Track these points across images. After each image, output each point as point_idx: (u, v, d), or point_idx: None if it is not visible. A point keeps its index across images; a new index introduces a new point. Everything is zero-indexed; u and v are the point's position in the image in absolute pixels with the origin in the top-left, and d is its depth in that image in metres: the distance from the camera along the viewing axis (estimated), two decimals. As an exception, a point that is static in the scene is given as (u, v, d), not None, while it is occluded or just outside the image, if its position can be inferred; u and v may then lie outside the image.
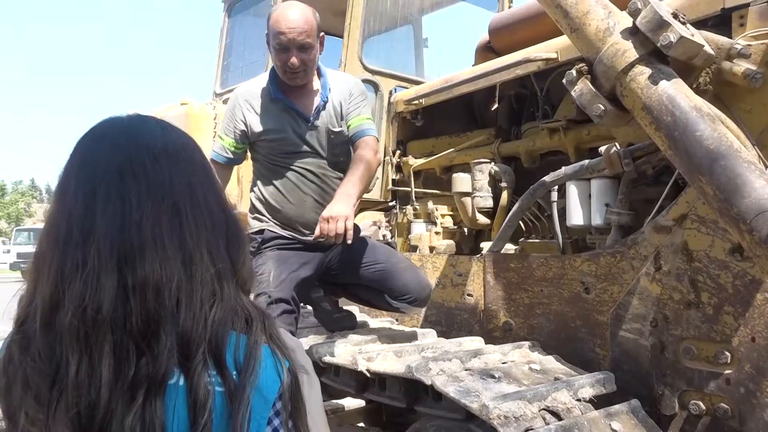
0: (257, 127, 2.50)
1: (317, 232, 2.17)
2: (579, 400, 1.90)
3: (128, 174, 0.84)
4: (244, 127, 2.50)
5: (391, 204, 3.81)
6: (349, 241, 2.16)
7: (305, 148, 2.51)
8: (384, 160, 3.80)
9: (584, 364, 2.29)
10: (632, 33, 1.87)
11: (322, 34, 2.42)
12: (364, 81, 3.78)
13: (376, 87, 3.85)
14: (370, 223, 3.65)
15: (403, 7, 4.36)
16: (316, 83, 2.54)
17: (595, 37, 1.94)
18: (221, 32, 4.70)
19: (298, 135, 2.50)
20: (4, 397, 0.79)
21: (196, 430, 0.77)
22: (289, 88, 2.47)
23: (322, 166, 2.51)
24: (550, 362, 2.18)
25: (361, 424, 3.39)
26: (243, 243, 0.93)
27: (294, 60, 2.33)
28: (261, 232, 2.50)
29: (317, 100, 2.51)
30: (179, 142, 0.91)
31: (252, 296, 0.95)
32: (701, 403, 2.01)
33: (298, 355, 0.94)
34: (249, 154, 2.61)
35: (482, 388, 1.82)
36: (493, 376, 1.92)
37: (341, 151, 2.56)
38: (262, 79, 2.56)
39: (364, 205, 3.78)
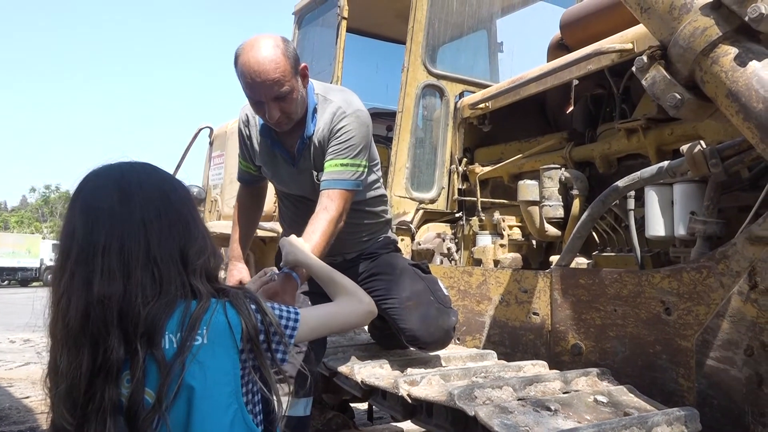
0: (255, 158, 2.35)
1: None
2: (653, 440, 1.61)
3: (93, 219, 1.12)
4: (248, 152, 2.37)
5: (457, 215, 3.59)
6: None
7: (296, 191, 2.34)
8: (450, 169, 3.60)
9: (665, 397, 1.98)
10: (714, 8, 1.59)
11: (303, 65, 2.09)
12: (429, 86, 3.62)
13: (441, 92, 3.66)
14: (434, 236, 3.45)
15: (472, 11, 4.15)
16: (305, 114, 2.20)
17: (670, 15, 1.67)
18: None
19: (287, 177, 2.31)
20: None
21: (131, 396, 1.07)
22: None
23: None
24: (622, 394, 1.88)
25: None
26: (203, 249, 1.21)
27: (272, 113, 2.03)
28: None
29: (299, 141, 2.20)
30: (137, 186, 1.17)
31: None
32: (810, 451, 1.66)
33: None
34: None
35: (533, 423, 1.57)
36: (548, 409, 1.66)
37: None
38: None
39: (428, 217, 3.59)
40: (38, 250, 33.82)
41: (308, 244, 1.96)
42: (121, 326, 1.08)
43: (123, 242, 1.12)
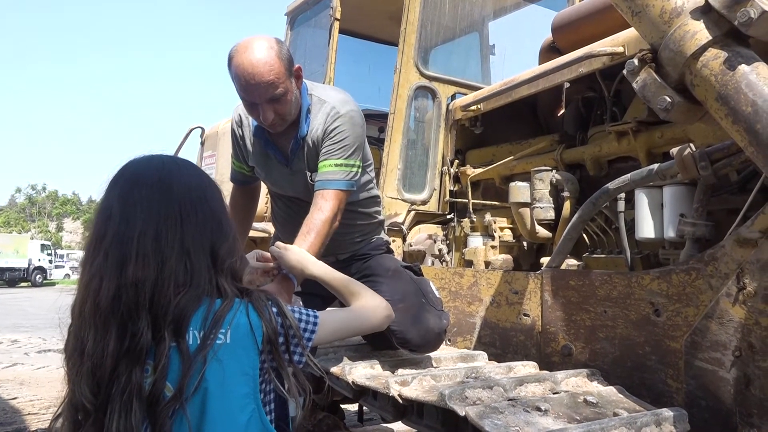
0: (248, 159, 2.36)
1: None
2: (642, 440, 1.62)
3: (131, 204, 1.15)
4: (241, 153, 2.37)
5: (449, 216, 3.60)
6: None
7: (289, 192, 2.34)
8: (442, 171, 3.61)
9: (654, 397, 2.00)
10: (704, 12, 1.60)
11: (296, 66, 2.09)
12: (421, 88, 3.63)
13: (433, 94, 3.67)
14: (425, 237, 3.45)
15: (464, 13, 4.17)
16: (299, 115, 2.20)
17: (660, 19, 1.68)
18: (284, 45, 4.69)
19: (280, 178, 2.31)
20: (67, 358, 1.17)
21: (155, 383, 1.09)
22: None
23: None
24: (611, 394, 1.90)
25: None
26: (233, 250, 1.24)
27: (266, 115, 2.03)
28: None
29: (293, 141, 2.20)
30: (177, 177, 1.21)
31: None
32: (797, 451, 1.67)
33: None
34: None
35: (523, 423, 1.58)
36: (539, 409, 1.67)
37: None
38: None
39: (420, 218, 3.60)
40: (26, 250, 33.56)
41: (303, 244, 1.96)
42: (151, 311, 1.11)
43: (159, 230, 1.14)
